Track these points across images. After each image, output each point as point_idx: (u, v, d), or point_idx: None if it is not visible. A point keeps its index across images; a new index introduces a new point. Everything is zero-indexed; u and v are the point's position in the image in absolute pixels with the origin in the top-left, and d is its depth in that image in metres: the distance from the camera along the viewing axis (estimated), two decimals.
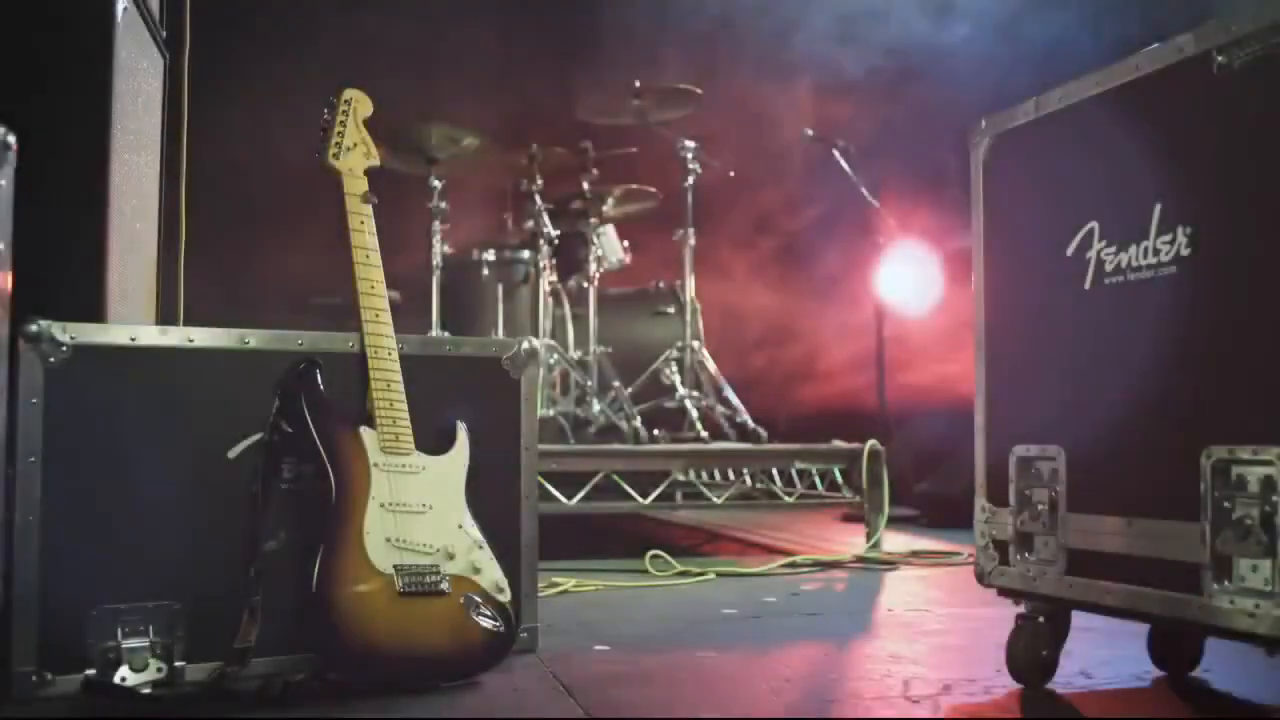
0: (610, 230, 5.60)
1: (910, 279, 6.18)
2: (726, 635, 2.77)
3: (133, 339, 2.20)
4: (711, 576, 3.67)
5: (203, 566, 2.18)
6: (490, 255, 5.37)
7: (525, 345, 2.55)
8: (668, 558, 3.86)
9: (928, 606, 3.18)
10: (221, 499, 2.21)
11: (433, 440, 2.32)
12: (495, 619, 2.23)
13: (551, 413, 4.90)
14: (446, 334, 4.71)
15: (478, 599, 2.23)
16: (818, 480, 4.65)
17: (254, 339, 2.30)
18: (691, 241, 5.52)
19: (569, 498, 4.15)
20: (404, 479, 2.25)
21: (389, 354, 2.32)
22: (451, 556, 2.23)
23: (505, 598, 2.27)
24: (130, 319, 2.82)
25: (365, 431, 2.25)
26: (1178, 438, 1.92)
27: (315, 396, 2.24)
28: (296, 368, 2.26)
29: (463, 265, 5.33)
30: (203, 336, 2.26)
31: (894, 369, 6.25)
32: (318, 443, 2.19)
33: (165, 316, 3.17)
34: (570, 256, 5.45)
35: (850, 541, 4.72)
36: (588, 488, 4.17)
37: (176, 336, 2.24)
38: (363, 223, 2.40)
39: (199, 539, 2.19)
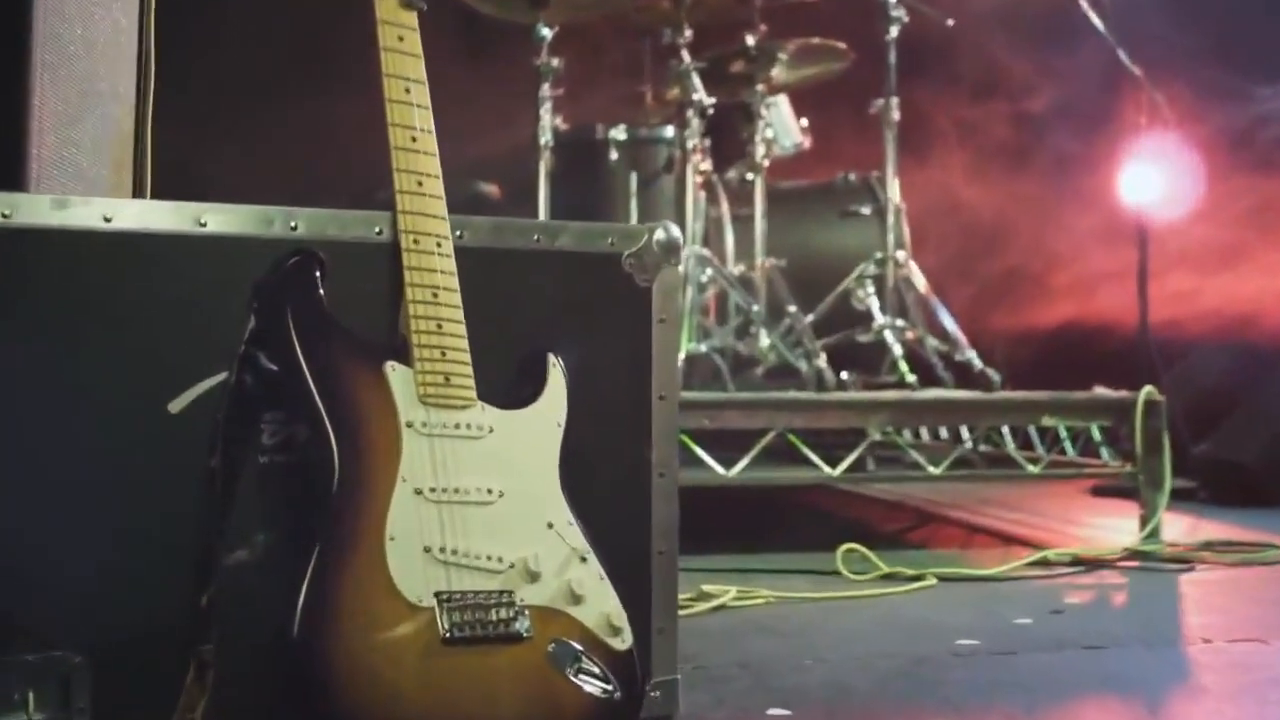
0: (783, 102, 5.33)
1: (1178, 170, 5.98)
2: (969, 686, 2.43)
3: (6, 215, 1.76)
4: (931, 582, 3.41)
5: (122, 593, 1.83)
6: (620, 133, 5.10)
7: (660, 235, 2.16)
8: (867, 553, 3.57)
9: (1262, 634, 2.83)
10: (157, 481, 1.85)
11: (507, 385, 1.96)
12: (606, 680, 1.84)
13: (703, 348, 4.68)
14: None
15: (578, 647, 1.82)
16: (1068, 443, 4.47)
17: (215, 219, 1.88)
18: (895, 116, 5.20)
19: (727, 466, 3.92)
20: (457, 448, 1.84)
21: (438, 246, 1.91)
22: (535, 576, 1.82)
23: (624, 642, 1.86)
24: None
25: (394, 370, 1.84)
26: None
27: (312, 312, 1.84)
28: (284, 266, 1.86)
29: (582, 146, 5.08)
30: (130, 214, 1.84)
31: (1158, 290, 6.06)
32: (313, 388, 1.78)
33: None
34: (729, 137, 5.21)
35: (1110, 525, 4.58)
36: (754, 452, 3.95)
37: (84, 213, 1.81)
38: (401, 39, 1.98)
39: (118, 548, 1.83)
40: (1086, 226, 6.43)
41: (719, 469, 3.91)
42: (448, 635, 1.72)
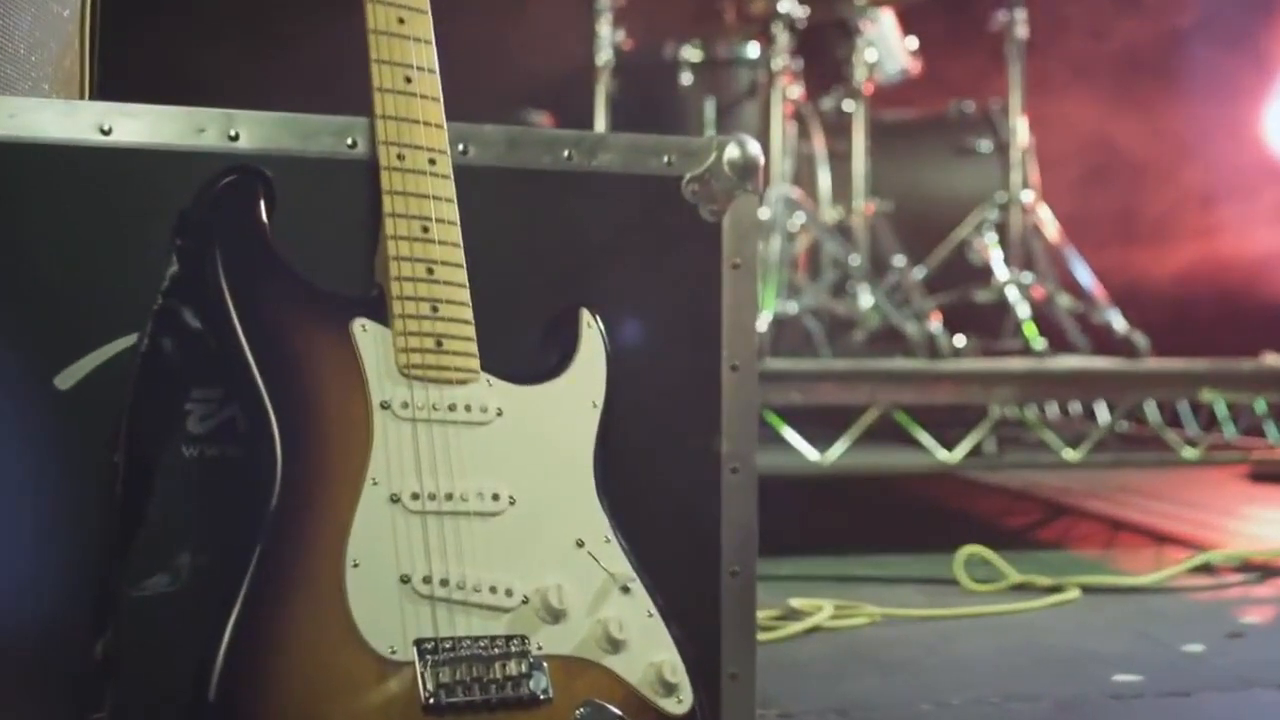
0: (888, 19, 5.27)
1: None
2: None
3: None
4: (1073, 594, 3.30)
5: None
6: (693, 53, 5.03)
7: (732, 151, 2.00)
8: (992, 557, 3.45)
9: None
10: (38, 483, 1.64)
11: (524, 352, 1.78)
12: None
13: (792, 308, 4.60)
14: None
15: (617, 712, 1.60)
16: (1228, 421, 4.35)
17: (125, 125, 1.67)
18: (1022, 33, 5.13)
19: (821, 450, 3.85)
20: (451, 438, 1.64)
21: (432, 164, 1.73)
22: (559, 615, 1.60)
23: (682, 703, 1.63)
24: None
25: (365, 330, 1.63)
26: None
27: (252, 252, 1.62)
28: (213, 189, 1.63)
29: (648, 68, 5.05)
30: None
31: None
32: (247, 353, 1.55)
33: None
34: (824, 59, 5.19)
35: (1270, 518, 4.59)
36: (853, 433, 3.87)
37: None
38: None
39: None
40: (1240, 163, 6.44)
41: (811, 453, 3.84)
42: (431, 700, 1.48)
